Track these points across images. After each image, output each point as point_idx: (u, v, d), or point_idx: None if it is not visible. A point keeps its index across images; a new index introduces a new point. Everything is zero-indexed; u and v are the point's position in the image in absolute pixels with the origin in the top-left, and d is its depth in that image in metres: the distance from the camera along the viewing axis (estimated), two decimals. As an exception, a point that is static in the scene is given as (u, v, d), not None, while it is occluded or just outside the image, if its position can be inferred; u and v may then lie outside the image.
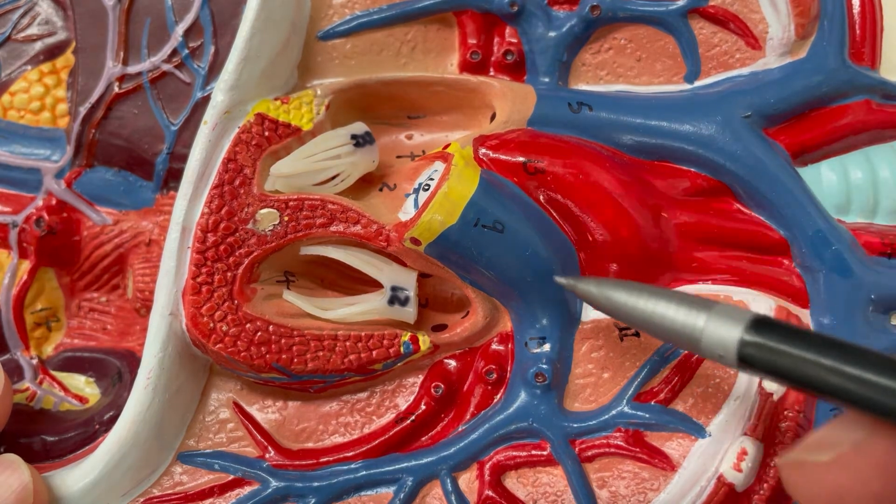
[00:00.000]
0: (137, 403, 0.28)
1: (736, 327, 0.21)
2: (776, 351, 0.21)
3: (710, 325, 0.22)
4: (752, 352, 0.21)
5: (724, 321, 0.22)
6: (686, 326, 0.22)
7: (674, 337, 0.23)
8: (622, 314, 0.25)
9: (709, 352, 0.22)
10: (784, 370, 0.20)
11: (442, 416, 0.30)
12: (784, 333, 0.21)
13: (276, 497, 0.29)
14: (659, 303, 0.23)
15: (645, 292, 0.24)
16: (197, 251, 0.28)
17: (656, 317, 0.23)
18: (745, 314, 0.22)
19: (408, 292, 0.29)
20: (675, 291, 0.24)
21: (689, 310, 0.22)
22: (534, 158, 0.29)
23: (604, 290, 0.25)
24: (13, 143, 0.33)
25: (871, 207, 0.30)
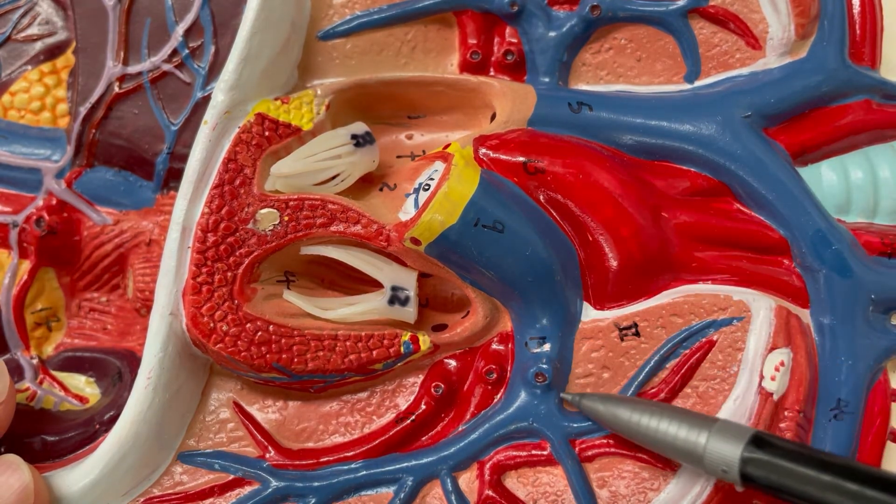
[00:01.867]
0: (138, 403, 0.28)
1: (737, 445, 0.23)
2: (777, 467, 0.22)
3: (711, 443, 0.23)
4: (753, 469, 0.22)
5: (725, 438, 0.23)
6: (688, 443, 0.24)
7: (678, 454, 0.24)
8: (626, 431, 0.26)
9: (712, 469, 0.23)
10: (786, 486, 0.22)
11: (442, 415, 0.30)
12: (783, 450, 0.22)
13: (277, 497, 0.29)
14: (662, 420, 0.25)
15: (648, 409, 0.25)
16: (197, 251, 0.28)
17: (660, 434, 0.25)
18: (745, 431, 0.23)
19: (408, 292, 0.29)
20: (677, 408, 0.25)
21: (691, 427, 0.24)
22: (534, 158, 0.29)
23: (609, 407, 0.26)
24: (13, 143, 0.33)
25: (871, 207, 0.30)
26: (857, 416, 0.28)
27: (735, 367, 0.28)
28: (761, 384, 0.27)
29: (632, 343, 0.29)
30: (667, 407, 0.25)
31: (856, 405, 0.28)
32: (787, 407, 0.27)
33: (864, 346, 0.28)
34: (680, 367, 0.28)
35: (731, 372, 0.28)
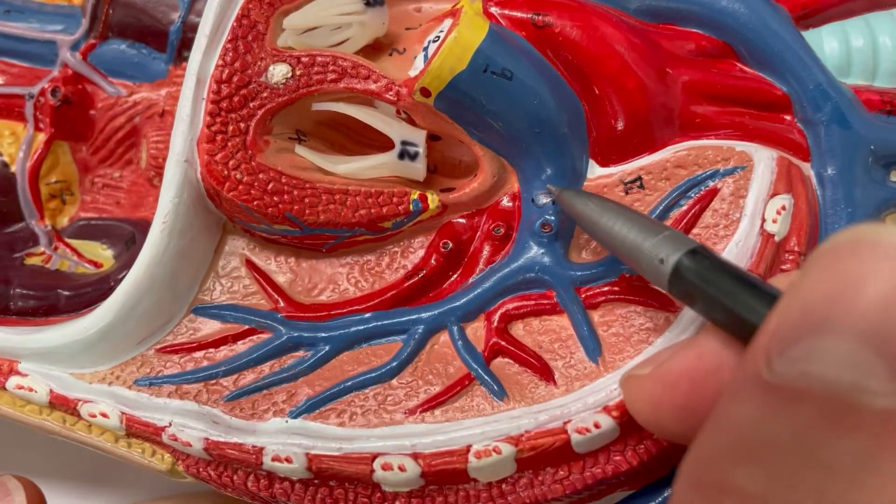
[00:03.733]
0: (153, 247, 0.28)
1: (679, 249, 0.23)
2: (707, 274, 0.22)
3: (656, 243, 0.24)
4: (685, 270, 0.23)
5: (670, 242, 0.23)
6: (635, 243, 0.24)
7: (624, 253, 0.25)
8: (589, 228, 0.27)
9: (649, 266, 0.24)
10: (710, 293, 0.22)
11: (450, 273, 0.31)
12: (719, 261, 0.22)
13: (289, 345, 0.30)
14: (618, 220, 0.25)
15: (611, 209, 0.26)
16: (211, 101, 0.29)
17: (614, 232, 0.25)
18: (690, 242, 0.23)
19: (417, 148, 0.30)
20: (639, 214, 0.26)
21: (642, 230, 0.24)
22: (542, 13, 0.29)
23: (580, 201, 0.27)
24: (29, 18, 0.34)
25: (870, 70, 0.30)
26: (856, 262, 0.28)
27: (737, 213, 0.28)
28: (763, 227, 0.28)
29: (636, 196, 0.30)
30: (629, 211, 0.26)
31: (855, 251, 0.28)
32: (789, 249, 0.28)
33: (863, 196, 0.29)
34: (683, 215, 0.29)
35: (734, 218, 0.28)
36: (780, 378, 0.15)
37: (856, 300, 0.14)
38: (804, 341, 0.14)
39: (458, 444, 0.26)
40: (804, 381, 0.14)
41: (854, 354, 0.14)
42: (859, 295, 0.14)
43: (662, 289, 0.24)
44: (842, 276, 0.14)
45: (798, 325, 0.15)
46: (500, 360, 0.29)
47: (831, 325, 0.14)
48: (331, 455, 0.27)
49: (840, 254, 0.15)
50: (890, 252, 0.14)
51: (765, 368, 0.15)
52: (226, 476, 0.29)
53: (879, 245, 0.14)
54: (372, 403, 0.28)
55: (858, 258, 0.14)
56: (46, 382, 0.29)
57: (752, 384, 0.15)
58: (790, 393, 0.14)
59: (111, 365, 0.30)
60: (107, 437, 0.29)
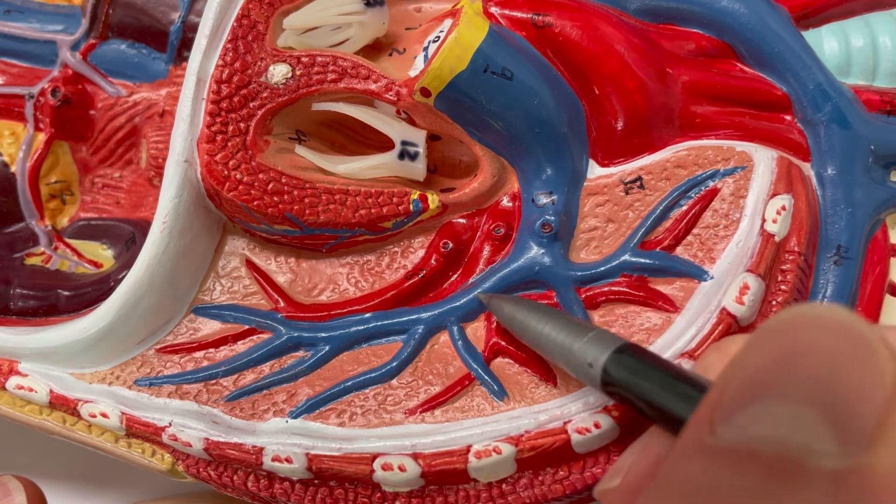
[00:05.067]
0: (153, 247, 0.28)
1: (606, 349, 0.23)
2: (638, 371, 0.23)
3: (583, 345, 0.24)
4: (614, 371, 0.23)
5: (597, 343, 0.24)
6: (564, 345, 0.25)
7: (555, 355, 0.25)
8: (520, 332, 0.27)
9: (579, 367, 0.24)
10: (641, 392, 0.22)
11: (450, 273, 0.31)
12: (649, 357, 0.23)
13: (289, 345, 0.30)
14: (548, 325, 0.25)
15: (540, 314, 0.26)
16: (211, 101, 0.29)
17: (543, 337, 0.26)
18: (617, 340, 0.24)
19: (417, 148, 0.30)
20: (566, 315, 0.26)
21: (570, 332, 0.25)
22: (542, 13, 0.29)
23: (510, 308, 0.27)
24: (30, 18, 0.34)
25: (870, 70, 0.30)
26: (856, 262, 0.28)
27: (737, 213, 0.28)
28: (763, 227, 0.28)
29: (636, 196, 0.30)
30: (557, 313, 0.26)
31: (855, 251, 0.28)
32: (789, 249, 0.28)
33: (863, 196, 0.29)
34: (683, 215, 0.29)
35: (734, 218, 0.28)
36: (725, 442, 0.15)
37: (802, 367, 0.15)
38: (751, 406, 0.15)
39: (459, 444, 0.26)
40: (753, 442, 0.15)
41: (802, 417, 0.14)
42: (806, 362, 0.15)
43: (597, 391, 0.24)
44: (787, 346, 0.15)
45: (743, 392, 0.15)
46: (501, 360, 0.29)
47: (779, 389, 0.15)
48: (331, 455, 0.27)
49: (784, 328, 0.15)
50: (832, 326, 0.15)
51: (708, 436, 0.15)
52: (226, 476, 0.29)
53: (822, 319, 0.15)
54: (372, 403, 0.28)
55: (803, 331, 0.15)
56: (46, 382, 0.29)
57: (695, 449, 0.16)
58: (738, 454, 0.15)
59: (111, 365, 0.30)
60: (107, 437, 0.29)
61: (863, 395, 0.14)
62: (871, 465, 0.14)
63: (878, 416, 0.14)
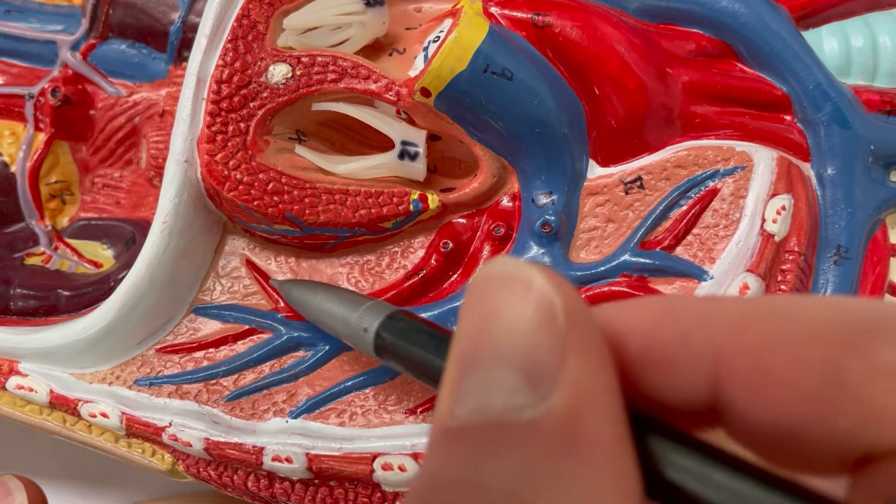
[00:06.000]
0: (153, 247, 0.28)
1: (379, 315, 0.24)
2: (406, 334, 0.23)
3: (360, 314, 0.25)
4: (386, 335, 0.24)
5: (372, 312, 0.25)
6: (344, 317, 0.26)
7: (337, 330, 0.26)
8: (306, 312, 0.28)
9: (355, 335, 0.25)
10: (408, 351, 0.23)
11: (450, 273, 0.31)
12: (415, 322, 0.23)
13: (289, 345, 0.30)
14: (328, 301, 0.26)
15: (322, 292, 0.27)
16: (212, 101, 0.29)
17: (325, 313, 0.26)
18: (388, 308, 0.24)
19: (417, 148, 0.30)
20: (346, 291, 0.27)
21: (349, 305, 0.26)
22: (542, 13, 0.29)
23: (297, 291, 0.28)
24: (29, 18, 0.34)
25: (870, 70, 0.31)
26: (856, 262, 0.28)
27: (737, 213, 0.28)
28: (763, 227, 0.28)
29: (636, 196, 0.30)
30: (338, 290, 0.27)
31: (855, 251, 0.28)
32: (789, 249, 0.28)
33: (863, 196, 0.29)
34: (683, 215, 0.29)
35: (734, 218, 0.28)
36: (457, 421, 0.15)
37: (493, 330, 0.14)
38: (465, 379, 0.15)
39: (459, 444, 0.26)
40: (472, 417, 0.14)
41: (499, 379, 0.14)
42: (494, 321, 0.15)
43: (373, 357, 0.24)
44: (481, 312, 0.15)
45: (459, 366, 0.15)
46: (500, 360, 0.29)
47: (479, 358, 0.14)
48: (331, 455, 0.27)
49: (476, 291, 0.15)
50: (504, 278, 0.15)
51: (448, 417, 0.15)
52: (226, 476, 0.29)
53: (498, 274, 0.15)
54: (372, 403, 0.28)
55: (487, 289, 0.15)
56: (46, 382, 0.29)
57: (441, 436, 0.15)
58: (461, 432, 0.15)
59: (111, 365, 0.30)
60: (107, 437, 0.29)
61: (537, 339, 0.14)
62: (559, 402, 0.14)
63: (554, 351, 0.14)
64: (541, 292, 0.14)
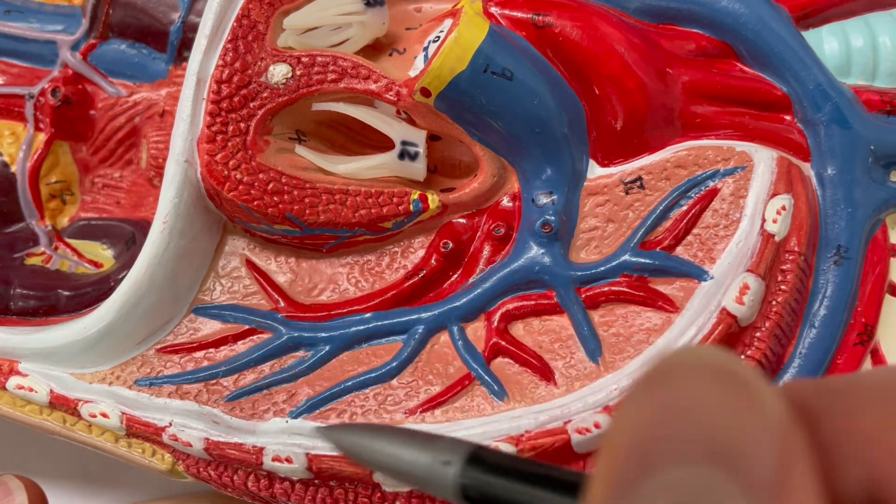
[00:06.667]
0: (153, 247, 0.28)
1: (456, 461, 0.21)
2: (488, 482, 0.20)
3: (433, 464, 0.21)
4: (470, 482, 0.20)
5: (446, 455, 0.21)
6: (413, 464, 0.22)
7: (403, 476, 0.22)
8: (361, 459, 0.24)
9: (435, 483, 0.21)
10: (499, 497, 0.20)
11: (450, 273, 0.31)
12: (496, 464, 0.20)
13: (289, 345, 0.30)
14: (391, 445, 0.23)
15: (380, 434, 0.23)
16: (212, 101, 0.29)
17: (387, 458, 0.23)
18: (464, 447, 0.21)
19: (417, 148, 0.30)
20: (407, 430, 0.23)
21: (416, 448, 0.22)
22: (542, 13, 0.29)
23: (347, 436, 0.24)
24: (29, 18, 0.34)
25: (870, 70, 0.30)
26: (856, 262, 0.28)
27: (737, 213, 0.28)
28: (763, 227, 0.28)
29: (636, 196, 0.30)
30: (401, 431, 0.23)
31: (855, 251, 0.28)
32: (789, 249, 0.28)
33: (863, 196, 0.29)
34: (683, 215, 0.29)
35: (734, 218, 0.28)
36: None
37: (690, 421, 0.13)
38: (647, 479, 0.13)
39: (459, 444, 0.26)
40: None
41: (705, 478, 0.13)
42: (693, 416, 0.13)
43: (454, 500, 0.21)
44: (670, 400, 0.14)
45: (636, 460, 0.13)
46: (501, 360, 0.29)
47: (672, 452, 0.13)
48: (331, 455, 0.27)
49: (662, 379, 0.14)
50: (709, 372, 0.14)
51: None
52: (226, 476, 0.29)
53: (699, 365, 0.14)
54: (372, 403, 0.28)
55: (682, 381, 0.14)
56: (46, 382, 0.29)
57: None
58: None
59: (111, 365, 0.30)
60: (107, 437, 0.29)
61: (758, 441, 0.13)
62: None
63: (777, 459, 0.13)
64: (757, 389, 0.13)
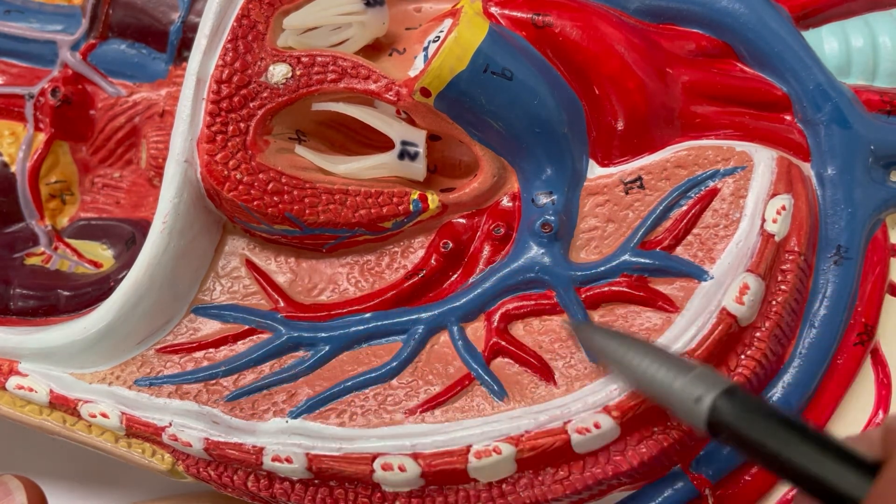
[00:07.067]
0: (153, 247, 0.28)
1: (712, 389, 0.22)
2: (743, 418, 0.21)
3: (687, 384, 0.22)
4: (722, 413, 0.21)
5: (701, 382, 0.22)
6: (665, 383, 0.23)
7: (654, 391, 0.24)
8: (614, 364, 0.25)
9: (682, 407, 0.22)
10: (750, 438, 0.21)
11: (450, 273, 0.31)
12: (754, 401, 0.21)
13: (289, 345, 0.30)
14: (646, 359, 0.24)
15: (636, 347, 0.24)
16: (212, 101, 0.29)
17: (640, 371, 0.24)
18: (722, 381, 0.22)
19: (417, 148, 0.30)
20: (664, 351, 0.24)
21: (671, 369, 0.23)
22: (542, 13, 0.29)
23: (602, 339, 0.26)
24: (30, 18, 0.34)
25: (870, 70, 0.31)
26: (856, 262, 0.28)
27: (737, 213, 0.28)
28: (763, 227, 0.28)
29: (636, 196, 0.30)
30: (653, 348, 0.25)
31: (855, 251, 0.28)
32: (789, 249, 0.28)
33: (863, 196, 0.29)
34: (683, 215, 0.29)
35: (734, 218, 0.28)
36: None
37: None
38: None
39: (459, 444, 0.26)
40: None
41: None
42: None
43: (698, 429, 0.22)
44: None
45: None
46: (501, 360, 0.29)
47: None
48: (331, 455, 0.27)
49: None
50: None
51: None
52: (226, 476, 0.29)
53: None
54: (372, 403, 0.28)
55: None
56: (46, 382, 0.29)
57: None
58: None
59: (111, 365, 0.30)
60: (107, 437, 0.29)
61: None
62: None
63: None
64: None
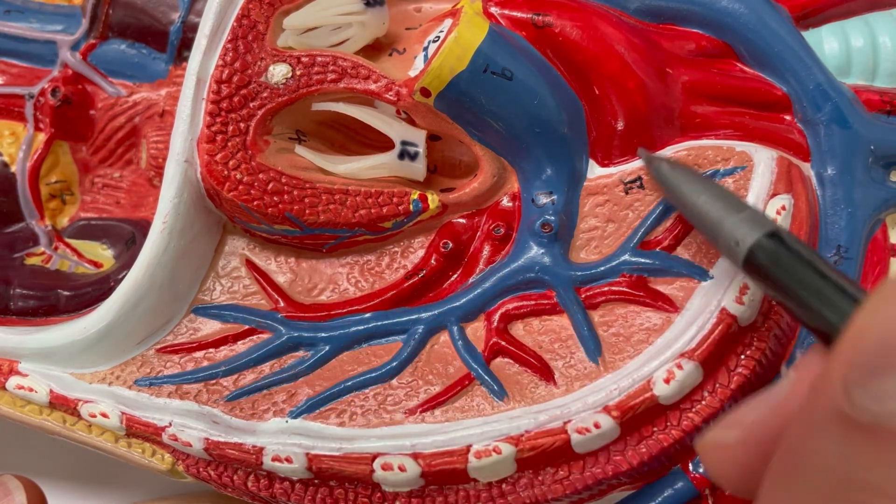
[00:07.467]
0: (153, 247, 0.28)
1: (756, 230, 0.23)
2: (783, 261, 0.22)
3: (734, 221, 0.23)
4: (760, 255, 0.22)
5: (748, 222, 0.23)
6: (715, 218, 0.24)
7: (704, 226, 0.25)
8: (674, 198, 0.27)
9: (725, 244, 0.24)
10: (783, 280, 0.21)
11: (450, 273, 0.31)
12: (796, 247, 0.22)
13: (289, 345, 0.30)
14: (703, 195, 0.25)
15: (698, 183, 0.26)
16: (211, 101, 0.29)
17: (697, 206, 0.25)
18: (769, 224, 0.23)
19: (417, 148, 0.30)
20: (725, 191, 0.25)
21: (724, 206, 0.24)
22: (542, 13, 0.29)
23: (671, 172, 0.27)
24: (29, 18, 0.34)
25: (870, 70, 0.30)
26: (856, 262, 0.28)
27: (737, 213, 0.28)
28: (763, 227, 0.28)
29: (636, 196, 0.30)
30: (715, 186, 0.25)
31: (855, 251, 0.28)
32: (789, 249, 0.28)
33: (863, 196, 0.29)
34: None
35: (734, 218, 0.28)
36: (863, 414, 0.13)
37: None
38: (885, 378, 0.13)
39: (459, 444, 0.26)
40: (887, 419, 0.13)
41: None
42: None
43: (737, 267, 0.23)
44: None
45: (880, 355, 0.13)
46: (500, 360, 0.29)
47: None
48: (331, 455, 0.27)
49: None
50: None
51: (844, 400, 0.13)
52: (226, 476, 0.29)
53: None
54: (372, 403, 0.28)
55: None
56: (46, 382, 0.29)
57: (831, 417, 0.14)
58: (881, 434, 0.13)
59: (111, 365, 0.30)
60: (107, 437, 0.29)
61: None
62: None
63: None
64: None
